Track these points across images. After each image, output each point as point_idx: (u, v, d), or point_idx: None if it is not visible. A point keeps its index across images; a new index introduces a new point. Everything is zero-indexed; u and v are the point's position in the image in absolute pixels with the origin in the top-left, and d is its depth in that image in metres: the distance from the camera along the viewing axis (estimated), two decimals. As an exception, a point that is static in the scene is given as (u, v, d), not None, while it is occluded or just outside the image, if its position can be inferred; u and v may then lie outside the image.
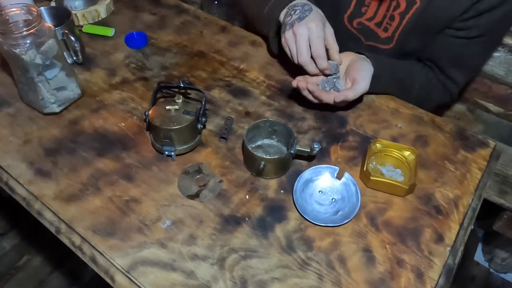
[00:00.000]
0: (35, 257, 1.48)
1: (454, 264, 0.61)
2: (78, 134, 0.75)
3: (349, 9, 0.92)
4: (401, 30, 0.87)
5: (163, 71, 0.88)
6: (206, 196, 0.66)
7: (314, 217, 0.63)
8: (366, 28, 0.92)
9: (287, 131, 0.70)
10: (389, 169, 0.70)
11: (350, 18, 0.93)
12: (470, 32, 0.83)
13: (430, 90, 0.92)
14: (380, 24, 0.90)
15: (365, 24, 0.92)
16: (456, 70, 0.90)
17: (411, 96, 0.86)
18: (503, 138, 1.28)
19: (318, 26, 0.73)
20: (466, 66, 0.90)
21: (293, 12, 0.76)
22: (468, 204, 0.67)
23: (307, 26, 0.72)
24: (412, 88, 0.88)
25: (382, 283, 0.57)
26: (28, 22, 0.68)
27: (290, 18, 0.75)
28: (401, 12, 0.85)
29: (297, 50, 0.74)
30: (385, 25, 0.89)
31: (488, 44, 0.88)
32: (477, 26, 0.81)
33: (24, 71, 0.71)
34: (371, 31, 0.91)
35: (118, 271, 0.58)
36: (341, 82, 0.79)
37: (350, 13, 0.92)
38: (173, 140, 0.68)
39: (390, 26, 0.89)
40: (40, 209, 0.64)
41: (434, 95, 0.93)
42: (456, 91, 0.94)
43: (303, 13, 0.74)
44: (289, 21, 0.75)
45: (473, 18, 0.80)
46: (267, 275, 0.57)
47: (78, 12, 0.98)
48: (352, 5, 0.91)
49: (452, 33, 0.85)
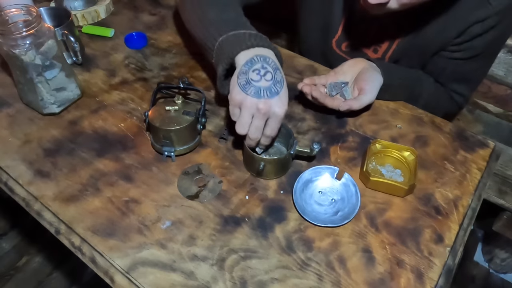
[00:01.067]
0: (34, 258, 1.48)
1: (454, 264, 0.60)
2: (77, 135, 0.75)
3: (337, 33, 0.92)
4: (391, 53, 0.88)
5: (163, 72, 0.88)
6: (206, 197, 0.66)
7: (313, 217, 0.63)
8: (355, 50, 0.92)
9: (287, 132, 0.70)
10: (388, 169, 0.70)
11: (338, 42, 0.93)
12: (465, 54, 0.83)
13: (438, 99, 0.91)
14: (369, 46, 0.90)
15: (353, 47, 0.92)
16: (458, 85, 0.90)
17: (419, 105, 0.85)
18: (503, 138, 1.28)
19: (282, 109, 0.61)
20: (468, 80, 0.90)
21: (264, 73, 0.61)
22: (467, 204, 0.67)
23: (274, 110, 0.61)
24: (420, 97, 0.87)
25: (382, 284, 0.57)
26: (28, 22, 0.68)
27: (259, 79, 0.61)
28: (390, 36, 0.86)
29: (251, 124, 0.62)
30: (374, 47, 0.89)
31: (486, 59, 0.88)
32: (471, 47, 0.81)
33: (24, 72, 0.71)
34: (359, 52, 0.91)
35: (117, 271, 0.58)
36: (349, 90, 0.79)
37: (338, 38, 0.92)
38: (173, 140, 0.68)
39: (380, 48, 0.89)
40: (40, 209, 0.64)
41: (442, 104, 0.92)
42: (463, 101, 0.94)
43: (274, 85, 0.61)
44: (256, 82, 0.60)
45: (467, 42, 0.81)
46: (266, 276, 0.57)
47: (77, 13, 0.98)
48: (340, 30, 0.91)
49: (447, 55, 0.85)
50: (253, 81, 0.61)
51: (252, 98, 0.60)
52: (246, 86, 0.61)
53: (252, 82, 0.61)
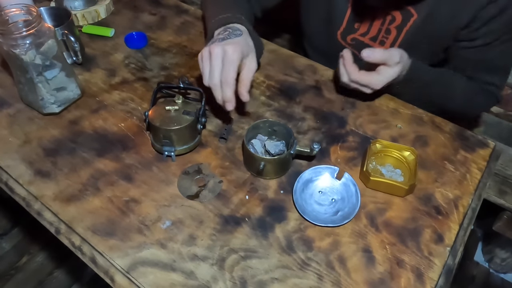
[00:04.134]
0: (34, 258, 1.48)
1: (454, 264, 0.61)
2: (77, 135, 0.75)
3: (341, 25, 0.91)
4: (399, 43, 0.86)
5: (163, 72, 0.88)
6: (206, 197, 0.66)
7: (314, 217, 0.63)
8: (361, 43, 0.91)
9: (287, 132, 0.70)
10: (388, 169, 0.70)
11: (343, 35, 0.92)
12: (486, 39, 0.80)
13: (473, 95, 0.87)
14: (375, 39, 0.89)
15: (359, 40, 0.91)
16: (488, 75, 0.86)
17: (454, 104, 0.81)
18: (503, 138, 1.29)
19: (235, 51, 0.65)
20: (497, 68, 0.86)
21: (224, 32, 0.70)
22: (467, 204, 0.67)
23: (223, 48, 0.65)
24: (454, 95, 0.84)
25: (382, 284, 0.57)
26: (28, 22, 0.68)
27: (218, 36, 0.70)
28: (397, 26, 0.84)
29: (209, 70, 0.66)
30: (381, 39, 0.88)
31: (510, 41, 0.81)
32: (490, 31, 0.78)
33: (24, 72, 0.71)
34: (366, 45, 0.90)
35: (117, 271, 0.58)
36: (279, 146, 0.71)
37: (343, 30, 0.91)
38: (173, 140, 0.68)
39: (387, 40, 0.87)
40: (40, 209, 0.64)
41: (478, 100, 0.88)
42: (497, 92, 0.89)
43: (229, 35, 0.69)
44: (214, 39, 0.70)
45: (484, 26, 0.78)
46: (267, 276, 0.57)
47: (77, 13, 0.98)
48: (345, 22, 0.90)
49: (468, 45, 0.82)
50: (213, 38, 0.70)
51: (206, 47, 0.67)
52: (208, 43, 0.70)
53: (212, 40, 0.70)
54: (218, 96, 0.67)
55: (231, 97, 0.66)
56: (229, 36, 0.69)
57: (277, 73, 0.89)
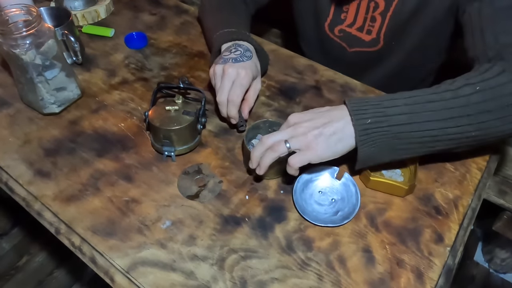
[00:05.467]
0: (34, 258, 1.48)
1: (454, 264, 0.61)
2: (77, 135, 0.75)
3: (328, 17, 0.91)
4: (385, 29, 0.85)
5: (163, 72, 0.88)
6: (206, 197, 0.66)
7: (313, 217, 0.63)
8: (348, 35, 0.91)
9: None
10: (388, 169, 0.70)
11: (330, 27, 0.92)
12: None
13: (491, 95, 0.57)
14: (361, 29, 0.88)
15: (346, 31, 0.91)
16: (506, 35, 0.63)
17: (472, 128, 0.57)
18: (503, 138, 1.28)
19: (247, 75, 0.70)
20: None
21: (235, 50, 0.74)
22: (467, 204, 0.67)
23: (237, 71, 0.70)
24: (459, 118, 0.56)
25: (382, 284, 0.57)
26: (28, 22, 0.68)
27: (229, 54, 0.73)
28: (381, 12, 0.83)
29: (220, 88, 0.71)
30: (367, 28, 0.87)
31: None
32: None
33: (24, 72, 0.71)
34: (353, 36, 0.90)
35: (117, 271, 0.58)
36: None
37: (330, 21, 0.91)
38: (173, 140, 0.68)
39: (373, 28, 0.87)
40: (40, 209, 0.64)
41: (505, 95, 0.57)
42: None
43: (241, 57, 0.72)
44: (226, 56, 0.73)
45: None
46: (266, 276, 0.57)
47: (77, 13, 0.98)
48: (331, 13, 0.90)
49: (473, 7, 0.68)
50: (224, 56, 0.73)
51: (220, 65, 0.71)
52: (217, 60, 0.73)
53: (223, 57, 0.73)
54: (223, 112, 0.73)
55: (235, 115, 0.72)
56: (241, 58, 0.72)
57: (277, 73, 0.89)
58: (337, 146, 0.57)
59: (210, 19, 0.89)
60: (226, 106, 0.71)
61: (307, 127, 0.57)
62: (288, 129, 0.59)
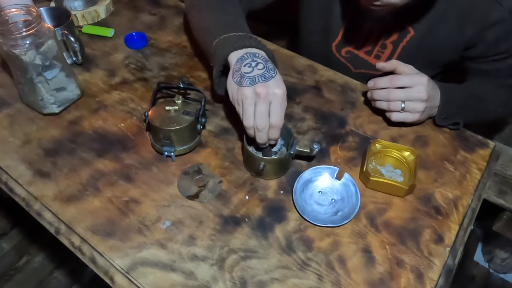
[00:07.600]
0: (34, 258, 1.48)
1: (454, 264, 0.61)
2: (77, 135, 0.75)
3: (337, 37, 0.90)
4: (396, 58, 0.85)
5: (163, 72, 0.88)
6: (206, 197, 0.66)
7: (313, 217, 0.63)
8: (355, 57, 0.90)
9: (287, 132, 0.70)
10: (388, 169, 0.70)
11: (338, 47, 0.92)
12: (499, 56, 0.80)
13: (505, 98, 0.85)
14: (370, 53, 0.88)
15: (353, 53, 0.90)
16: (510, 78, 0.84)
17: (492, 114, 0.82)
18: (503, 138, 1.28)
19: (284, 95, 0.60)
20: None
21: (255, 64, 0.62)
22: (467, 204, 0.67)
23: (273, 91, 0.60)
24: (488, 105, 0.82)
25: (382, 284, 0.57)
26: (28, 22, 0.68)
27: (251, 71, 0.61)
28: (393, 41, 0.84)
29: (255, 113, 0.60)
30: (376, 53, 0.87)
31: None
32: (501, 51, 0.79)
33: (24, 72, 0.71)
34: (360, 59, 0.90)
35: (117, 271, 0.58)
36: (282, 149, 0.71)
37: (338, 42, 0.91)
38: (173, 140, 0.68)
39: (383, 54, 0.87)
40: (40, 209, 0.64)
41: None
42: None
43: (268, 72, 0.61)
44: (248, 74, 0.61)
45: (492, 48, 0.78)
46: (266, 276, 0.57)
47: (77, 13, 0.98)
48: (340, 34, 0.89)
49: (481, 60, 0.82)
50: (247, 74, 0.61)
51: (249, 87, 0.60)
52: (241, 81, 0.61)
53: (245, 75, 0.61)
54: (263, 138, 0.63)
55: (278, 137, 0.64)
56: (268, 73, 0.61)
57: (277, 73, 0.89)
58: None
59: (208, 17, 0.76)
60: (267, 131, 0.62)
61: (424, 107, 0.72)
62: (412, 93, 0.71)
